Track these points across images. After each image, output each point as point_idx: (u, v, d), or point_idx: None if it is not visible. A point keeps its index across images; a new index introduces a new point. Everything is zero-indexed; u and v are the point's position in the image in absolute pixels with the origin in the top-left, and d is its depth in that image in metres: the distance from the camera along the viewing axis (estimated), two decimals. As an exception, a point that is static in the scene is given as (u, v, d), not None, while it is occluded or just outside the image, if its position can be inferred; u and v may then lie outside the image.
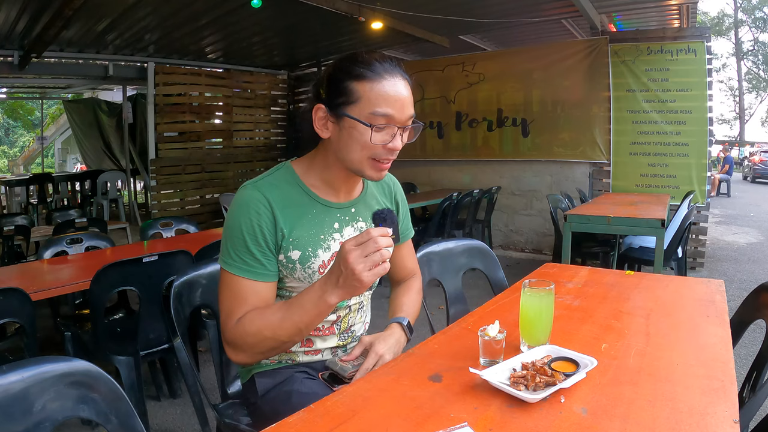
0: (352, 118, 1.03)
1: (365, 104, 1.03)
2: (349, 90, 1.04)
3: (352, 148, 1.06)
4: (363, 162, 1.07)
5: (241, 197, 1.09)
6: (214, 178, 6.81)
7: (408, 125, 1.07)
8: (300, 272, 1.10)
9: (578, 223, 3.46)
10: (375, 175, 1.09)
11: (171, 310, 1.31)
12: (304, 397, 1.04)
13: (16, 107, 17.80)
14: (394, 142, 1.05)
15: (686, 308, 1.34)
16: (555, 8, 5.19)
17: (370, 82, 1.03)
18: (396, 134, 1.05)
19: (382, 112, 1.03)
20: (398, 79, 1.05)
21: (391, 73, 1.04)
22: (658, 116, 4.95)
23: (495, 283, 1.76)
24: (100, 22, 4.82)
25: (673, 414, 0.80)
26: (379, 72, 1.04)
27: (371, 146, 1.04)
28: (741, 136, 29.18)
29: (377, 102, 1.03)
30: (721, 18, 29.09)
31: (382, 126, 1.03)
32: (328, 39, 6.21)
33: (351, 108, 1.04)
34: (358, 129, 1.04)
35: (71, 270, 2.33)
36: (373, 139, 1.03)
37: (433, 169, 6.47)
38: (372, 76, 1.03)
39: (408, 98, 1.06)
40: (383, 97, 1.03)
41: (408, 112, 1.06)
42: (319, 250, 1.11)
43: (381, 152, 1.06)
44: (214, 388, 2.41)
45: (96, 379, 0.83)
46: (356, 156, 1.06)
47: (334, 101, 1.06)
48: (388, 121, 1.03)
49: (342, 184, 1.16)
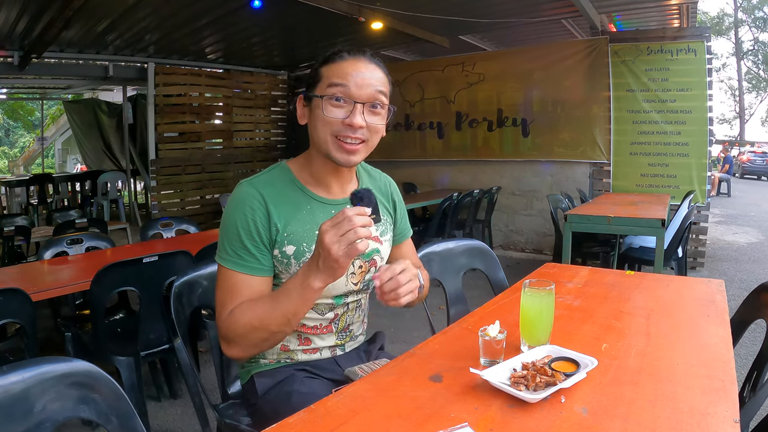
0: (313, 95, 1.09)
1: (324, 82, 1.08)
2: (315, 73, 1.11)
3: (317, 127, 1.09)
4: (327, 141, 1.08)
5: (237, 194, 1.12)
6: (214, 179, 6.81)
7: (370, 103, 1.07)
8: (295, 267, 1.11)
9: (578, 223, 3.46)
10: (341, 157, 1.09)
11: (171, 311, 1.31)
12: (305, 397, 1.04)
13: (17, 108, 17.81)
14: (352, 118, 1.05)
15: (687, 308, 1.34)
16: (555, 8, 5.19)
17: (333, 64, 1.08)
18: (355, 110, 1.06)
19: (336, 83, 1.06)
20: (361, 60, 1.09)
21: (354, 55, 1.09)
22: (658, 116, 4.95)
23: (495, 283, 1.76)
24: (100, 22, 4.82)
25: (673, 414, 0.80)
26: (343, 55, 1.09)
27: (329, 120, 1.06)
28: (741, 136, 29.17)
29: (332, 76, 1.07)
30: (721, 18, 29.09)
31: (338, 100, 1.06)
32: (328, 39, 6.21)
33: (314, 88, 1.10)
34: (318, 105, 1.07)
35: (71, 270, 2.33)
36: (326, 111, 1.06)
37: (433, 169, 6.47)
38: (335, 58, 1.09)
39: (369, 77, 1.07)
40: (339, 73, 1.07)
41: (368, 90, 1.07)
42: (314, 245, 1.11)
43: (341, 128, 1.06)
44: (214, 388, 2.41)
45: (96, 380, 0.83)
46: (321, 135, 1.08)
47: (307, 87, 1.12)
48: (343, 94, 1.05)
49: (332, 179, 1.18)
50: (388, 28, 5.30)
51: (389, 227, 1.29)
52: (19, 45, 5.34)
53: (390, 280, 1.02)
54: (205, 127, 6.73)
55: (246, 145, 7.34)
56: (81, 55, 5.92)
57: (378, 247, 1.22)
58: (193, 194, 6.62)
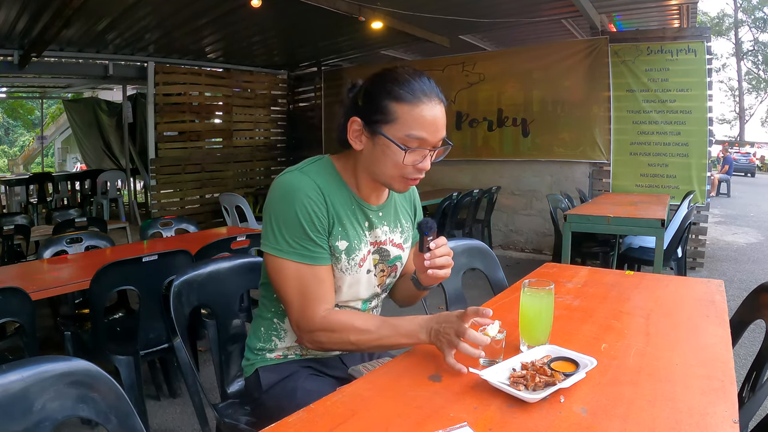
0: (388, 138, 1.04)
1: (401, 126, 1.04)
2: (387, 109, 1.04)
3: (384, 164, 1.07)
4: (393, 178, 1.09)
5: (289, 183, 1.08)
6: (213, 178, 6.81)
7: (439, 146, 1.09)
8: (344, 263, 1.11)
9: (578, 223, 3.46)
10: (402, 189, 1.13)
11: (171, 310, 1.31)
12: (309, 394, 1.05)
13: (16, 107, 17.80)
14: (424, 163, 1.08)
15: (686, 308, 1.34)
16: (555, 8, 5.19)
17: (408, 105, 1.03)
18: (427, 155, 1.07)
19: (416, 135, 1.04)
20: (435, 102, 1.05)
21: (428, 96, 1.04)
22: (658, 116, 4.95)
23: (495, 283, 1.76)
24: (100, 21, 4.82)
25: (672, 414, 0.80)
26: (418, 95, 1.04)
27: (402, 166, 1.06)
28: (741, 136, 29.20)
29: (413, 125, 1.03)
30: (721, 18, 29.10)
31: (415, 148, 1.05)
32: (328, 39, 6.21)
33: (387, 127, 1.05)
34: (392, 149, 1.05)
35: (71, 269, 2.33)
36: (406, 160, 1.05)
37: (432, 168, 6.40)
38: (410, 98, 1.03)
39: (442, 121, 1.07)
40: (419, 121, 1.03)
41: (441, 135, 1.07)
42: (362, 244, 1.14)
43: (411, 171, 1.08)
44: (213, 387, 2.41)
45: (96, 379, 0.83)
46: (387, 172, 1.08)
47: (371, 117, 1.06)
48: (422, 144, 1.05)
49: (371, 191, 1.18)
50: (388, 27, 5.29)
51: (410, 233, 1.30)
52: (19, 44, 5.34)
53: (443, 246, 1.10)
54: (204, 127, 6.73)
55: (246, 144, 7.34)
56: (81, 54, 5.92)
57: (400, 254, 1.24)
58: (193, 193, 6.62)
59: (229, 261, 1.47)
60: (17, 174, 12.99)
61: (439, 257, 1.09)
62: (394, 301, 1.35)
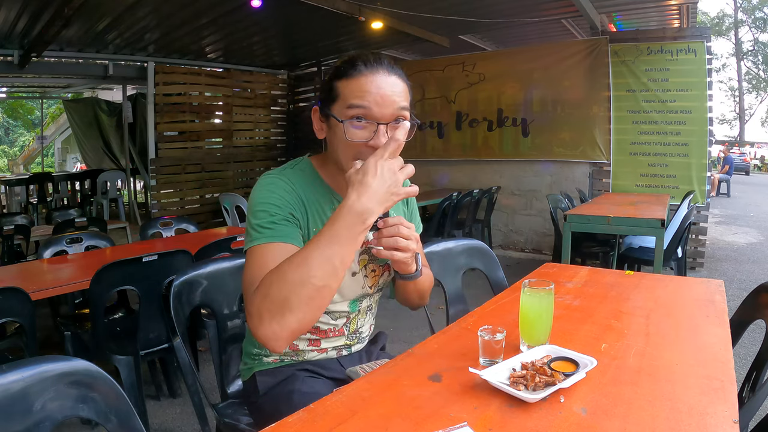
0: (331, 115, 1.02)
1: (342, 101, 1.01)
2: (332, 88, 1.03)
3: (337, 147, 1.03)
4: (349, 162, 0.98)
5: (264, 181, 1.06)
6: (214, 178, 6.81)
7: (392, 121, 1.00)
8: None
9: (578, 223, 3.46)
10: None
11: (171, 310, 1.31)
12: (306, 397, 1.04)
13: (16, 107, 17.81)
14: (376, 140, 0.98)
15: (686, 308, 1.34)
16: (555, 8, 5.19)
17: (347, 78, 1.00)
18: (378, 131, 0.99)
19: (356, 104, 0.98)
20: (380, 73, 1.00)
21: (372, 68, 1.00)
22: (658, 116, 4.95)
23: (495, 283, 1.76)
24: (100, 21, 4.81)
25: (672, 414, 0.80)
26: (359, 67, 1.00)
27: (351, 144, 0.99)
28: (741, 136, 29.20)
29: (351, 96, 0.99)
30: (721, 18, 29.12)
31: (358, 122, 0.99)
32: (328, 39, 6.20)
33: (332, 106, 1.02)
34: (339, 127, 1.01)
35: (71, 269, 2.33)
36: (349, 135, 0.99)
37: (433, 168, 6.47)
38: (351, 72, 1.00)
39: (390, 93, 0.99)
40: (357, 92, 0.99)
41: (390, 107, 0.99)
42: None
43: (365, 151, 0.98)
44: (213, 387, 2.41)
45: (96, 379, 0.83)
46: (342, 155, 1.03)
47: (324, 102, 1.05)
48: (365, 115, 0.99)
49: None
50: (388, 27, 5.29)
51: None
52: (19, 44, 5.34)
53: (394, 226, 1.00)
54: (204, 127, 6.73)
55: (246, 144, 7.34)
56: (81, 54, 5.91)
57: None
58: (193, 193, 6.61)
59: (229, 261, 1.47)
60: (17, 174, 13.01)
61: (388, 237, 1.00)
62: (398, 301, 1.34)
